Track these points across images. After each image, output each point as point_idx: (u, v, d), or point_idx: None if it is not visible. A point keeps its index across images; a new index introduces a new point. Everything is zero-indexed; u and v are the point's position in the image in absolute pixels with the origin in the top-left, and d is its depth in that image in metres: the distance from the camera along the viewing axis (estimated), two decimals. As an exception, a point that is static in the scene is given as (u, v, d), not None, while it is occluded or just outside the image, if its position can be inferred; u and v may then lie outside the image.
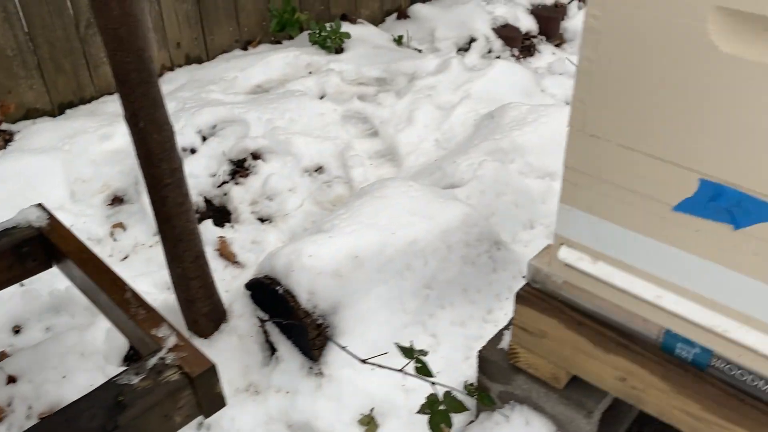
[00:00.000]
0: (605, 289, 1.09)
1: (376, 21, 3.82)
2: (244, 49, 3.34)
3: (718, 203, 0.91)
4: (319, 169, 2.34)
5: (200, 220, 2.13)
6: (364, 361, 1.39)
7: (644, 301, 1.05)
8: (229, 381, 1.63)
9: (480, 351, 1.33)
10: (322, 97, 2.82)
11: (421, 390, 1.40)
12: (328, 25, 3.26)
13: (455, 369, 1.58)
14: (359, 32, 3.42)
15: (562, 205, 1.08)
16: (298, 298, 1.55)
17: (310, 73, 3.06)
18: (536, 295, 1.19)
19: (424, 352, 1.38)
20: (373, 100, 2.73)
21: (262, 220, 2.18)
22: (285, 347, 1.62)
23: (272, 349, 1.66)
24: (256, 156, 2.32)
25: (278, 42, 3.43)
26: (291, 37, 3.45)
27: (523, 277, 1.74)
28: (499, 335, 1.34)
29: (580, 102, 0.98)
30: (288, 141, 2.35)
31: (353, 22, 3.55)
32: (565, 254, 1.11)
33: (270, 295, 1.62)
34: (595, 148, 0.99)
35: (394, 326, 1.61)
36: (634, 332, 1.10)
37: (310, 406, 1.54)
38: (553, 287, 1.17)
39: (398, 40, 3.43)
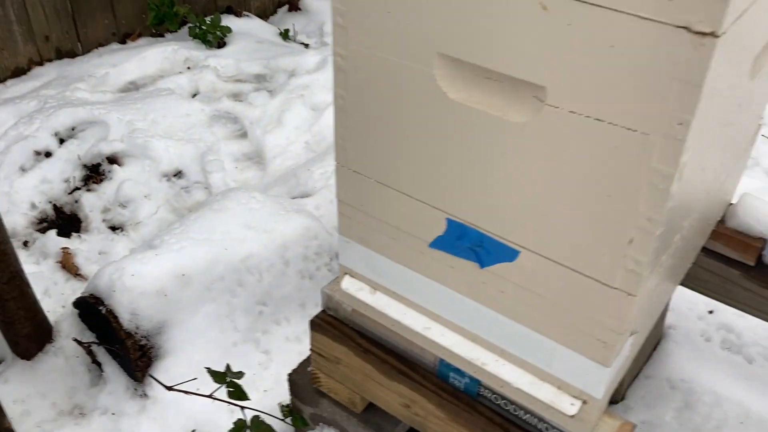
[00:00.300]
0: (384, 318, 1.09)
1: (267, 13, 3.75)
2: (123, 42, 3.22)
3: (464, 243, 0.91)
4: (178, 174, 2.28)
5: (45, 230, 2.05)
6: (169, 389, 1.37)
7: (416, 332, 1.05)
8: (53, 403, 1.58)
9: (290, 374, 1.32)
10: (195, 95, 2.75)
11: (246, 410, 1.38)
12: (208, 18, 3.17)
13: (286, 386, 1.57)
14: (243, 26, 3.35)
15: (340, 236, 1.07)
16: (120, 318, 1.51)
17: (189, 68, 2.98)
18: (330, 323, 1.18)
19: (238, 375, 1.36)
20: (246, 99, 2.68)
21: (113, 228, 2.11)
22: (111, 368, 1.58)
23: (100, 370, 1.61)
24: (112, 160, 2.24)
25: (160, 35, 3.32)
26: (173, 30, 3.35)
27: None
28: (308, 358, 1.33)
29: (341, 139, 0.97)
30: (147, 144, 2.28)
31: (238, 15, 3.47)
32: (348, 284, 1.10)
33: (95, 315, 1.57)
34: (359, 184, 0.99)
35: (224, 345, 1.58)
36: (415, 360, 1.11)
37: (134, 428, 1.50)
38: (345, 314, 1.16)
39: (284, 34, 3.37)
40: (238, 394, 1.35)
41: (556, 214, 0.81)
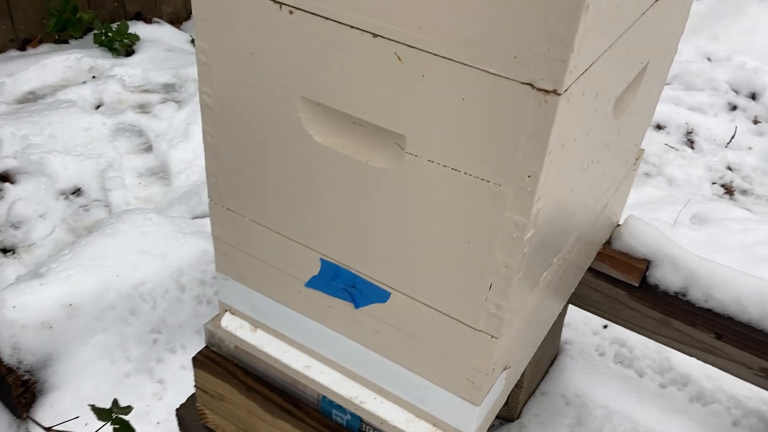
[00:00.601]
0: (266, 356, 1.07)
1: (180, 19, 3.66)
2: (22, 49, 3.08)
3: (338, 283, 0.90)
4: (76, 192, 2.19)
5: (-73, 254, 1.94)
6: (48, 430, 1.30)
7: (297, 371, 1.04)
8: (-71, 444, 1.49)
9: (177, 409, 1.28)
10: (98, 107, 2.65)
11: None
12: (115, 25, 3.07)
13: (181, 416, 1.53)
14: (153, 33, 3.26)
15: (218, 273, 1.05)
16: (1, 353, 1.43)
17: (94, 77, 2.87)
18: (213, 359, 1.15)
19: (125, 410, 1.31)
20: (152, 111, 2.60)
21: (4, 251, 2.01)
22: (-7, 404, 1.50)
23: (-18, 406, 1.53)
24: (4, 178, 2.13)
25: (63, 41, 3.19)
26: (81, 36, 3.22)
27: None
28: (195, 394, 1.30)
29: (213, 176, 0.94)
30: (42, 161, 2.18)
31: (148, 21, 3.37)
32: (228, 322, 1.08)
33: (-24, 348, 1.48)
34: (233, 222, 0.96)
35: (115, 376, 1.53)
36: (299, 397, 1.09)
37: (17, 468, 1.43)
38: (228, 351, 1.14)
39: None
40: (125, 430, 1.30)
41: (421, 257, 0.81)
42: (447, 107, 0.70)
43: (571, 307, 1.60)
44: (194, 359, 1.16)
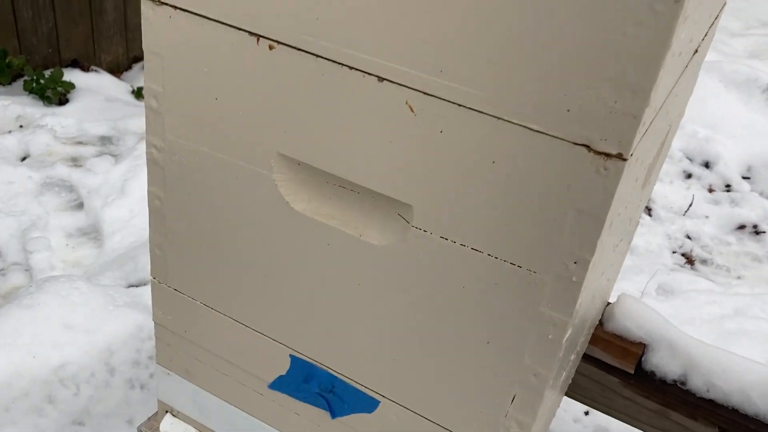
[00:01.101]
0: (215, 470, 0.87)
1: (120, 68, 3.47)
2: (-58, 94, 2.82)
3: (311, 387, 0.72)
4: (-7, 253, 1.94)
5: None
6: None
7: (254, 491, 0.84)
8: None
9: None
10: (24, 159, 2.41)
11: None
12: (48, 72, 2.85)
13: None
14: (90, 82, 3.05)
15: (158, 366, 0.85)
16: None
17: (21, 126, 2.64)
18: (147, 470, 0.94)
19: None
20: (85, 164, 2.38)
21: None
22: None
23: None
24: None
25: (-10, 87, 2.95)
26: (9, 83, 2.99)
27: None
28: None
29: (158, 248, 0.76)
30: (-46, 218, 1.93)
31: (85, 69, 3.17)
32: (169, 426, 0.87)
33: None
34: (181, 306, 0.78)
35: (25, 478, 1.28)
36: None
37: None
38: (166, 460, 0.93)
39: (137, 93, 3.11)
40: None
41: (425, 360, 0.64)
42: (471, 172, 0.55)
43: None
44: (123, 470, 0.94)
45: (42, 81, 2.78)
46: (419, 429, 0.67)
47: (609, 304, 1.34)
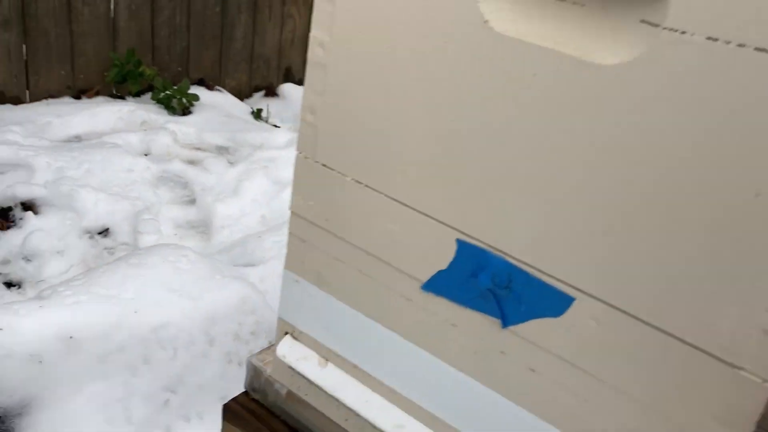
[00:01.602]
0: (336, 407, 0.72)
1: (242, 95, 3.54)
2: (77, 98, 2.93)
3: (481, 281, 0.57)
4: (104, 232, 1.91)
5: None
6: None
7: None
8: None
9: (185, 487, 0.91)
10: (145, 155, 2.43)
11: None
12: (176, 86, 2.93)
13: (183, 507, 1.14)
14: (213, 98, 3.11)
15: (286, 271, 0.72)
16: (-31, 386, 1.09)
17: (145, 130, 2.69)
18: (252, 411, 0.80)
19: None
20: (201, 164, 2.37)
21: (9, 285, 1.70)
22: (-56, 457, 1.14)
23: (-70, 458, 1.16)
24: (28, 207, 1.87)
25: (120, 97, 3.05)
26: (136, 95, 3.08)
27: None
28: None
29: (310, 112, 0.65)
30: (73, 194, 1.92)
31: (210, 88, 3.24)
32: (287, 349, 0.74)
33: (-60, 380, 1.14)
34: (327, 186, 0.66)
35: (109, 439, 1.16)
36: (375, 480, 0.73)
37: None
38: (275, 400, 0.79)
39: (257, 114, 3.13)
40: None
41: (654, 235, 0.49)
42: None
43: None
44: (225, 408, 0.81)
45: (169, 91, 2.84)
46: (627, 339, 0.51)
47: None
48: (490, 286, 0.57)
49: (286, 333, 0.75)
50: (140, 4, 2.93)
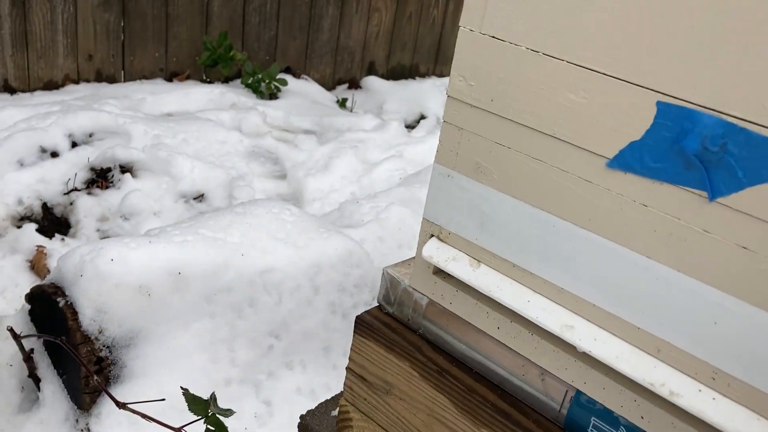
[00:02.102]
0: (485, 315, 0.66)
1: (326, 87, 3.54)
2: (169, 80, 2.99)
3: (688, 145, 0.51)
4: (200, 197, 1.91)
5: (24, 223, 1.67)
6: (122, 406, 0.91)
7: (546, 335, 0.62)
8: (-41, 426, 1.12)
9: (302, 416, 0.87)
10: (238, 131, 2.45)
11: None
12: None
13: (286, 453, 1.10)
14: (300, 86, 3.12)
15: (437, 166, 0.67)
16: (81, 315, 1.08)
17: (236, 111, 2.71)
18: (387, 324, 0.75)
19: (226, 412, 0.91)
20: (292, 141, 2.36)
21: (107, 240, 1.71)
22: (51, 387, 1.13)
23: (37, 388, 1.16)
24: (126, 169, 1.89)
25: (210, 82, 3.10)
26: (226, 81, 3.12)
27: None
28: (335, 398, 0.89)
29: (478, -19, 0.60)
30: (170, 159, 1.94)
31: (297, 76, 3.26)
32: (433, 250, 0.68)
33: (51, 311, 1.14)
34: (496, 61, 0.60)
35: (214, 380, 1.13)
36: (528, 395, 0.66)
37: (59, 477, 1.03)
38: (413, 313, 0.74)
39: (342, 103, 3.13)
40: (220, 435, 0.90)
41: None
42: None
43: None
44: (358, 319, 0.76)
45: (259, 75, 2.87)
46: None
47: None
48: (699, 150, 0.50)
49: (432, 236, 0.69)
50: (234, -11, 2.98)
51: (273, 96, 2.92)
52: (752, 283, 0.50)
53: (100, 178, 1.86)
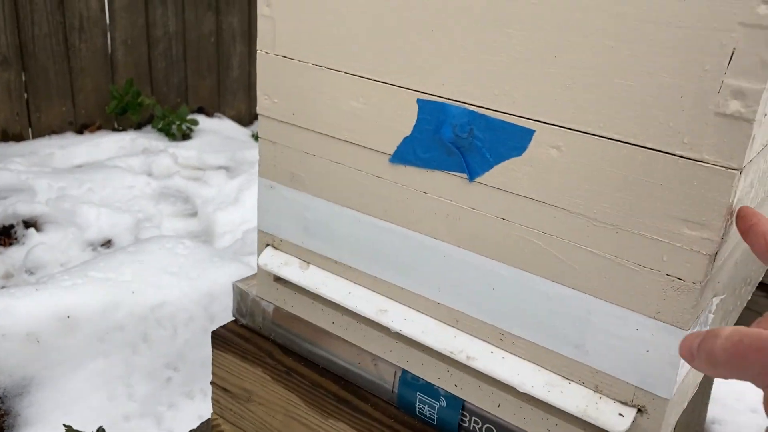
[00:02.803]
0: (321, 312, 0.72)
1: (243, 123, 3.59)
2: (80, 133, 2.99)
3: (444, 134, 0.57)
4: (107, 243, 1.92)
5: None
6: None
7: (370, 323, 0.68)
8: None
9: (184, 435, 0.90)
10: (148, 175, 2.46)
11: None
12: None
13: (190, 480, 1.12)
14: (213, 124, 3.16)
15: (261, 179, 0.73)
16: (-31, 368, 1.09)
17: (146, 155, 2.73)
18: (240, 335, 0.79)
19: (114, 442, 0.93)
20: (201, 178, 2.39)
21: (13, 296, 1.71)
22: (-53, 445, 1.13)
23: (-66, 450, 1.15)
24: (29, 224, 1.89)
25: (122, 130, 3.11)
26: (138, 127, 3.14)
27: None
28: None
29: (266, 5, 0.66)
30: (75, 210, 1.94)
31: (210, 115, 3.29)
32: (269, 258, 0.74)
33: (-59, 369, 1.14)
34: (289, 78, 0.66)
35: (113, 416, 1.15)
36: (366, 381, 0.71)
37: None
38: (263, 321, 0.78)
39: (257, 137, 3.17)
40: (107, 468, 0.92)
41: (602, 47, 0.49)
42: None
43: (717, 381, 1.19)
44: (214, 335, 0.80)
45: (170, 117, 2.90)
46: (588, 160, 0.51)
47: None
48: (453, 137, 0.57)
49: (267, 245, 0.75)
50: (136, 37, 3.01)
51: (186, 137, 2.94)
52: (513, 248, 0.56)
53: (3, 235, 1.86)
